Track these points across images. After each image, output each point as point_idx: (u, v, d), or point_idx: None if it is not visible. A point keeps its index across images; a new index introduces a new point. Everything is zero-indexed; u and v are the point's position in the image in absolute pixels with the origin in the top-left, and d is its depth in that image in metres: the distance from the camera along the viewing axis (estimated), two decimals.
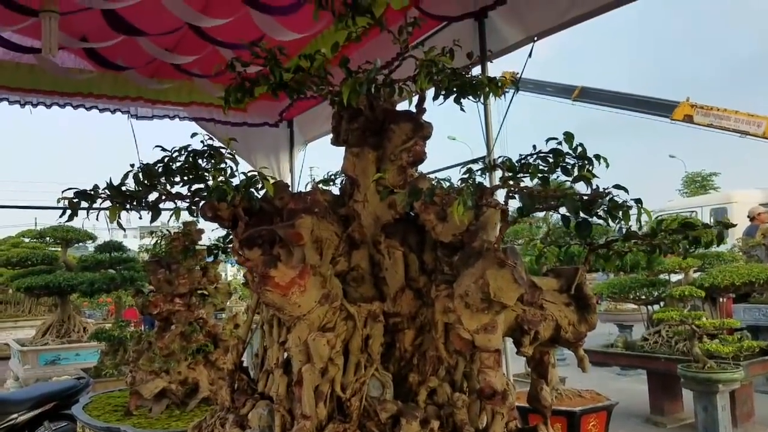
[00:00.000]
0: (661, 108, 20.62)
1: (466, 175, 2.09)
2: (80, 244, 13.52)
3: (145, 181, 2.09)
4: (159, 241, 4.90)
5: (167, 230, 4.64)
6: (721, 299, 9.83)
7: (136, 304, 5.77)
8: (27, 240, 13.64)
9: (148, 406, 5.62)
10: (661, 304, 8.43)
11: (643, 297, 8.82)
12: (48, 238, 11.85)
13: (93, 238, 12.11)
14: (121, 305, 11.13)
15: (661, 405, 9.04)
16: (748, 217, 11.76)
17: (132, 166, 2.23)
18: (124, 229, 2.27)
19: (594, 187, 1.87)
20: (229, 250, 3.37)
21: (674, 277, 9.17)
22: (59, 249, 12.54)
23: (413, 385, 2.24)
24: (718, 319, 6.48)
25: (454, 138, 27.92)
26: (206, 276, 6.01)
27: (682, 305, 7.27)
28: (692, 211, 16.47)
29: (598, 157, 1.93)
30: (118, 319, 10.03)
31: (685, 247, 2.18)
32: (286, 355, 2.23)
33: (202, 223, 5.91)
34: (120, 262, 10.13)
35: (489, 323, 2.09)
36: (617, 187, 1.81)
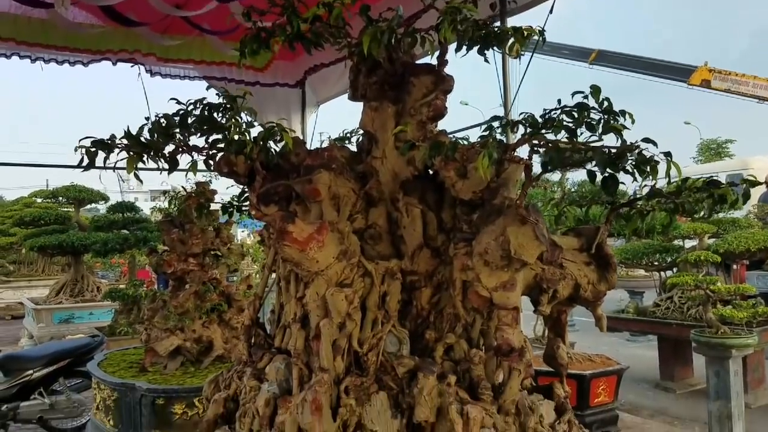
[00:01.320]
0: (679, 72, 20.29)
1: (486, 132, 2.04)
2: (92, 205, 13.60)
3: (163, 132, 2.05)
4: (173, 199, 4.88)
5: (181, 187, 4.62)
6: (734, 266, 9.78)
7: (150, 263, 5.80)
8: (39, 200, 13.72)
9: (162, 363, 5.69)
10: (674, 270, 8.39)
11: (656, 263, 8.77)
12: (60, 198, 11.91)
13: (105, 198, 12.16)
14: (135, 266, 11.23)
15: (671, 371, 9.07)
16: (765, 183, 11.60)
17: (147, 119, 2.20)
18: (141, 181, 2.24)
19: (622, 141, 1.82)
20: (244, 208, 3.36)
21: (688, 244, 9.10)
22: (71, 209, 12.62)
23: (430, 341, 2.23)
24: (732, 285, 6.43)
25: (466, 103, 27.63)
26: (219, 237, 6.03)
27: (696, 271, 7.22)
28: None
29: (623, 113, 1.88)
30: (132, 279, 10.13)
31: (709, 206, 2.13)
32: (303, 310, 2.23)
33: (215, 185, 5.90)
34: (133, 223, 10.18)
35: (508, 281, 2.07)
36: (646, 140, 1.76)
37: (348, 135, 2.99)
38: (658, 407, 8.15)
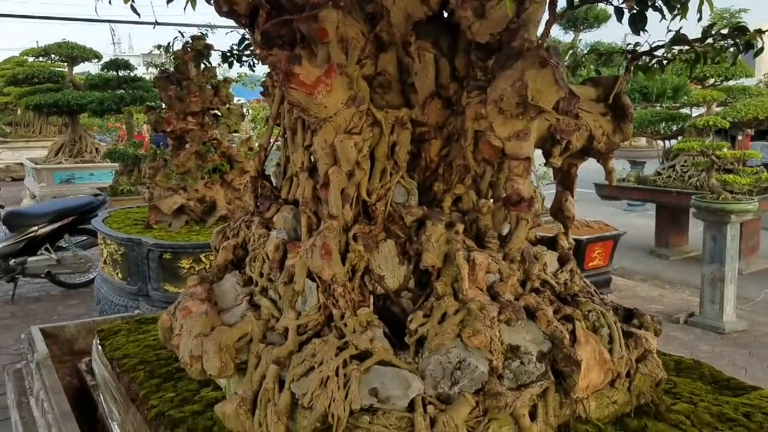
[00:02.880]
0: None
1: None
2: (84, 68, 13.22)
3: None
4: (170, 46, 4.69)
5: (180, 33, 4.43)
6: (739, 137, 9.70)
7: (149, 120, 5.71)
8: (31, 59, 13.32)
9: (167, 221, 5.76)
10: (679, 139, 8.32)
11: (662, 131, 8.69)
12: (53, 56, 11.56)
13: (98, 56, 11.81)
14: (133, 127, 11.10)
15: (666, 238, 9.25)
16: None
17: None
18: (138, 14, 2.12)
19: None
20: (244, 58, 3.21)
21: (695, 113, 8.97)
22: (64, 68, 12.28)
23: (438, 193, 2.21)
24: (738, 151, 6.40)
25: None
26: (218, 95, 5.89)
27: (701, 139, 7.15)
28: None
29: None
30: (131, 139, 10.06)
31: (734, 53, 2.03)
32: (311, 159, 2.18)
33: (211, 39, 5.65)
34: (128, 82, 9.94)
35: (522, 130, 2.01)
36: None
37: None
38: (650, 272, 8.41)
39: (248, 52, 3.07)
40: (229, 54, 3.10)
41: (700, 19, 1.80)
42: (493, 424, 1.85)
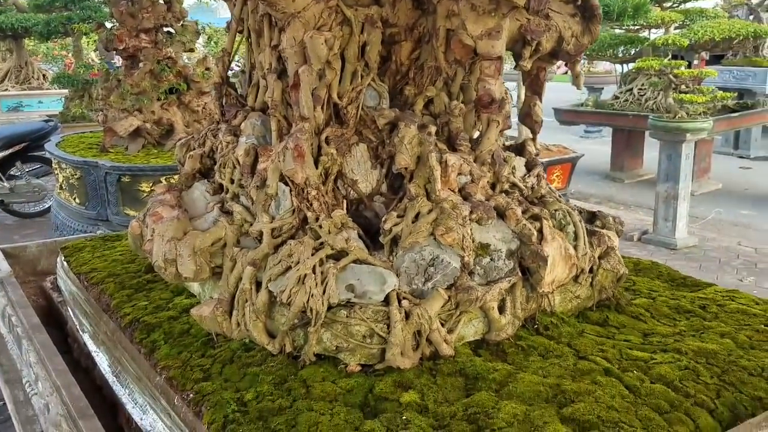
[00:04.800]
0: None
1: None
2: None
3: None
4: None
5: None
6: (695, 61, 9.83)
7: (100, 38, 5.47)
8: None
9: (123, 144, 5.62)
10: (637, 62, 8.39)
11: (620, 55, 8.74)
12: None
13: None
14: (81, 51, 10.59)
15: (621, 162, 9.46)
16: None
17: None
18: None
19: None
20: None
21: (653, 35, 9.02)
22: None
23: (409, 97, 2.19)
24: (695, 69, 6.50)
25: None
26: (171, 11, 5.65)
27: (660, 58, 7.22)
28: None
29: None
30: (80, 61, 9.62)
31: None
32: (279, 59, 2.13)
33: None
34: (75, 2, 9.43)
35: (494, 27, 2.01)
36: None
37: None
38: (606, 195, 8.64)
39: None
40: None
41: None
42: (464, 317, 1.92)
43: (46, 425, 2.06)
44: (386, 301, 1.83)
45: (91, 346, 2.45)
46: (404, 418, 1.58)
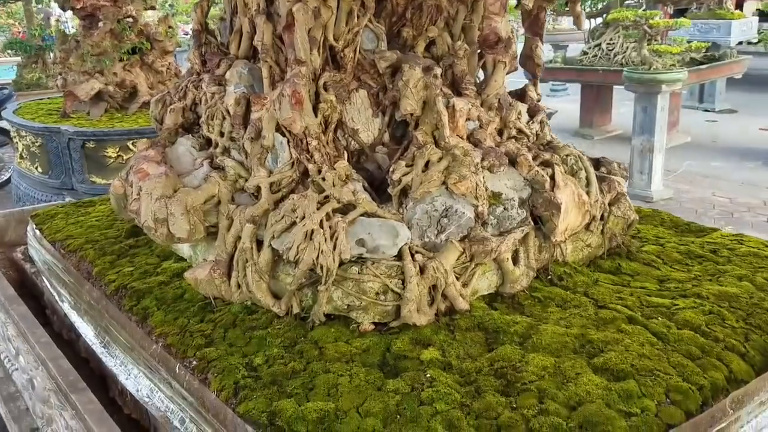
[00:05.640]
0: None
1: None
2: None
3: None
4: None
5: None
6: (659, 15, 9.80)
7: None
8: None
9: (84, 109, 5.35)
10: (604, 16, 8.33)
11: (588, 9, 8.66)
12: None
13: None
14: (32, 15, 9.99)
15: (590, 118, 9.45)
16: None
17: None
18: None
19: None
20: None
21: None
22: None
23: (408, 39, 2.06)
24: (670, 20, 6.46)
25: None
26: None
27: (634, 8, 7.15)
28: None
29: None
30: (31, 28, 9.10)
31: None
32: (268, 1, 1.96)
33: None
34: None
35: None
36: None
37: None
38: None
39: None
40: None
41: None
42: (479, 270, 1.83)
43: (32, 401, 1.92)
44: (399, 255, 1.72)
45: (73, 317, 2.29)
46: (428, 375, 1.49)
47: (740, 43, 10.74)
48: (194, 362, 1.63)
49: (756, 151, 7.96)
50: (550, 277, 1.96)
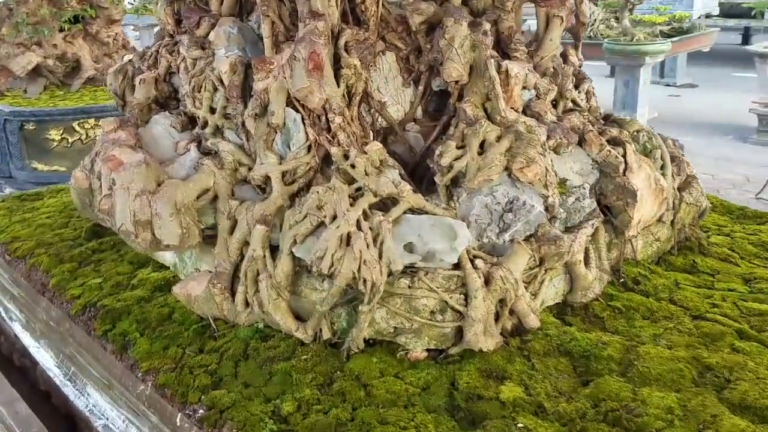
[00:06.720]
0: None
1: None
2: None
3: None
4: None
5: None
6: None
7: None
8: None
9: (21, 86, 4.75)
10: None
11: None
12: None
13: None
14: None
15: None
16: None
17: None
18: None
19: None
20: None
21: None
22: None
23: None
24: None
25: None
26: None
27: None
28: None
29: None
30: None
31: None
32: None
33: None
34: None
35: None
36: None
37: None
38: None
39: None
40: None
41: None
42: (548, 276, 1.47)
43: None
44: (456, 263, 1.35)
45: (26, 340, 1.84)
46: (520, 425, 1.14)
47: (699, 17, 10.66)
48: (200, 411, 1.23)
49: (724, 126, 7.85)
50: (623, 280, 1.62)
